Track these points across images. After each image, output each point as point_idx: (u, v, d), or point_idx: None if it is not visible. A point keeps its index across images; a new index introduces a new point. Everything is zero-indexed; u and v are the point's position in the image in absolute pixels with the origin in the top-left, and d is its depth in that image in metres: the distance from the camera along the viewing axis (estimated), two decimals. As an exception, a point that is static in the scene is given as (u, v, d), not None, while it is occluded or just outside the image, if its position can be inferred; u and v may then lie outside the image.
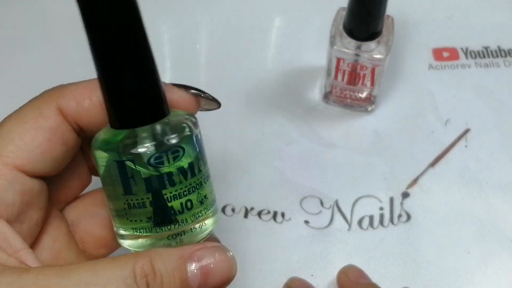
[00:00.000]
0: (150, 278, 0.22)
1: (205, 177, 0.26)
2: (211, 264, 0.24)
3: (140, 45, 0.24)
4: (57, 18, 0.53)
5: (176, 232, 0.25)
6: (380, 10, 0.39)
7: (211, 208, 0.27)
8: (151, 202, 0.24)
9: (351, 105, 0.47)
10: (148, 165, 0.24)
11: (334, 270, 0.40)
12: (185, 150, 0.25)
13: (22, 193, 0.25)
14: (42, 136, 0.25)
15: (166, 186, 0.24)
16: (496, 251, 0.41)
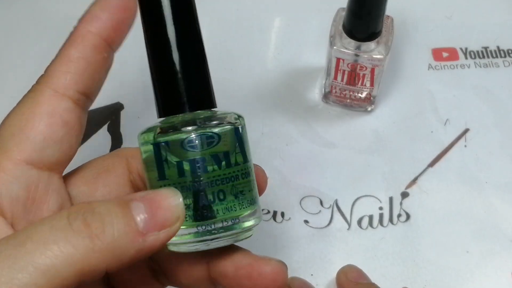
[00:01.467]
0: (87, 215, 0.21)
1: (244, 173, 0.25)
2: (155, 195, 0.23)
3: (191, 34, 0.25)
4: (57, 18, 0.53)
5: (207, 223, 0.24)
6: (379, 10, 0.39)
7: (248, 206, 0.26)
8: (183, 188, 0.24)
9: (350, 105, 0.47)
10: (181, 148, 0.24)
11: (333, 270, 0.40)
12: (220, 137, 0.24)
13: (27, 188, 0.25)
14: (41, 123, 0.25)
15: (197, 171, 0.24)
16: (496, 251, 0.41)
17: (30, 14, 0.53)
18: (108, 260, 0.21)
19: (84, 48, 0.26)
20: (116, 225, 0.21)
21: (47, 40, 0.52)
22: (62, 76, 0.25)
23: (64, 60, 0.26)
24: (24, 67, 0.50)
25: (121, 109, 0.48)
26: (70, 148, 0.26)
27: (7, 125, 0.25)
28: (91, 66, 0.26)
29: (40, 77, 0.26)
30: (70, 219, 0.21)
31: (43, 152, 0.25)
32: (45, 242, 0.20)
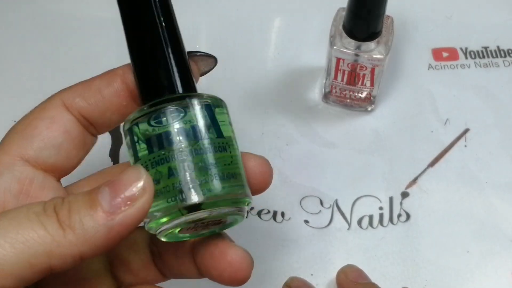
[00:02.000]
0: (57, 204, 0.22)
1: (218, 147, 0.25)
2: (121, 177, 0.23)
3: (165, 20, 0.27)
4: (57, 18, 0.53)
5: (176, 196, 0.24)
6: (380, 10, 0.39)
7: (225, 180, 0.25)
8: (152, 164, 0.24)
9: (351, 105, 0.47)
10: (149, 126, 0.24)
11: (333, 270, 0.40)
12: (186, 112, 0.24)
13: (20, 181, 0.25)
14: (42, 125, 0.26)
15: (165, 145, 0.24)
16: (496, 251, 0.41)
17: (30, 14, 0.53)
18: (78, 244, 0.22)
19: (108, 86, 0.27)
20: (82, 210, 0.22)
21: (47, 40, 0.52)
22: (75, 95, 0.27)
23: (86, 85, 0.27)
24: (24, 67, 0.50)
25: (121, 109, 0.48)
26: (68, 157, 0.27)
27: (16, 124, 0.27)
28: (104, 104, 0.27)
29: (61, 90, 0.28)
30: (45, 206, 0.22)
31: (40, 153, 0.26)
32: (19, 221, 0.21)
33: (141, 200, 0.22)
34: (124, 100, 0.27)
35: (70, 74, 0.50)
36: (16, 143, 0.26)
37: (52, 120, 0.26)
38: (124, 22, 0.27)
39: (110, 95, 0.27)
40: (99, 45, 0.51)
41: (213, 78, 0.52)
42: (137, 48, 0.26)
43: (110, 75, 0.27)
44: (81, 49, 0.51)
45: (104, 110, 0.27)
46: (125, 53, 0.27)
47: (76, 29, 0.52)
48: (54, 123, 0.26)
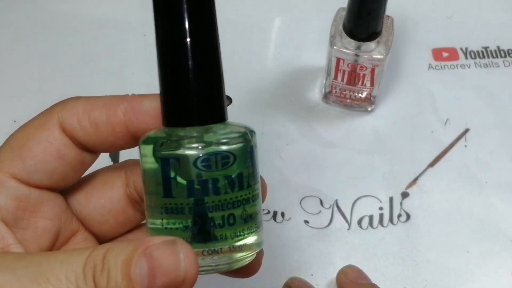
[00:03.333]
0: (97, 269, 0.21)
1: (254, 195, 0.24)
2: (160, 259, 0.21)
3: (208, 40, 0.23)
4: (57, 18, 0.53)
5: (213, 248, 0.23)
6: (380, 10, 0.39)
7: (255, 230, 0.24)
8: (190, 209, 0.22)
9: (351, 105, 0.47)
10: (194, 167, 0.22)
11: (334, 270, 0.40)
12: (236, 158, 0.23)
13: (16, 199, 0.25)
14: (38, 147, 0.25)
15: (210, 193, 0.22)
16: (496, 251, 0.41)
17: (30, 14, 0.53)
18: None
19: (105, 122, 0.25)
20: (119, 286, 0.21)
21: (47, 40, 0.52)
22: (73, 121, 0.25)
23: (86, 111, 0.26)
24: (24, 67, 0.50)
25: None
26: (63, 180, 0.26)
27: (13, 136, 0.26)
28: (100, 139, 0.26)
29: (60, 101, 0.26)
30: (85, 270, 0.21)
31: (32, 176, 0.25)
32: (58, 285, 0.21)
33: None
34: (121, 140, 0.26)
35: (70, 74, 0.50)
36: (9, 161, 0.25)
37: (46, 144, 0.25)
38: (159, 31, 0.23)
39: (105, 132, 0.26)
40: (99, 45, 0.51)
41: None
42: (173, 62, 0.23)
43: (111, 109, 0.25)
44: (81, 49, 0.51)
45: (98, 144, 0.26)
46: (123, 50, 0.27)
47: (76, 29, 0.52)
48: (48, 148, 0.25)
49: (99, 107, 0.25)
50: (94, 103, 0.26)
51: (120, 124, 0.25)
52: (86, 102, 0.26)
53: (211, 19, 0.23)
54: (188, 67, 0.23)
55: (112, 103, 0.26)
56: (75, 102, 0.26)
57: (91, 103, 0.26)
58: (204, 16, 0.23)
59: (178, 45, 0.23)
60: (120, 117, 0.25)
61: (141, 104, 0.25)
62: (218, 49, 0.24)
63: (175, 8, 0.22)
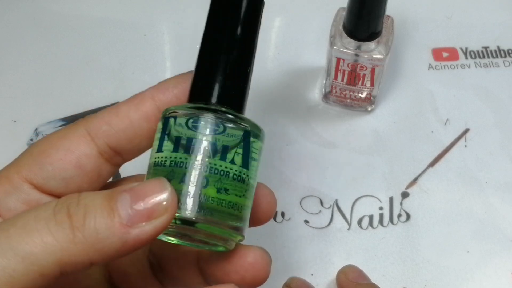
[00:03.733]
0: (72, 206, 0.21)
1: (237, 176, 0.24)
2: (143, 188, 0.22)
3: (249, 43, 0.27)
4: (57, 18, 0.53)
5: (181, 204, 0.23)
6: (380, 10, 0.39)
7: (230, 210, 0.24)
8: (171, 163, 0.24)
9: (351, 105, 0.47)
10: (186, 126, 0.24)
11: (334, 270, 0.40)
12: (226, 129, 0.24)
13: (27, 203, 0.25)
14: (58, 154, 0.25)
15: (190, 151, 0.23)
16: (496, 251, 0.41)
17: (30, 14, 0.53)
18: (90, 252, 0.21)
19: (136, 111, 0.26)
20: (98, 217, 0.21)
21: (47, 40, 0.52)
22: (101, 123, 0.26)
23: (113, 112, 0.26)
24: (24, 67, 0.50)
25: (121, 109, 0.48)
26: (77, 189, 0.26)
27: (36, 144, 0.26)
28: (133, 130, 0.26)
29: (90, 115, 0.27)
30: (55, 209, 0.21)
31: (48, 182, 0.25)
32: (27, 229, 0.21)
33: (161, 218, 0.22)
34: (155, 124, 0.26)
35: (70, 74, 0.50)
36: (28, 166, 0.25)
37: (66, 152, 0.25)
38: (210, 19, 0.27)
39: (139, 119, 0.26)
40: (99, 45, 0.51)
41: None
42: (211, 47, 0.26)
43: (138, 99, 0.26)
44: (81, 49, 0.51)
45: (132, 136, 0.26)
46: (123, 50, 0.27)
47: (76, 29, 0.52)
48: (68, 155, 0.25)
49: (125, 105, 0.26)
50: (117, 106, 0.26)
51: (152, 108, 0.26)
52: (108, 109, 0.26)
53: (255, 28, 0.27)
54: (223, 56, 0.26)
55: (137, 96, 0.26)
56: (98, 113, 0.26)
57: (114, 107, 0.26)
58: (250, 25, 0.27)
59: (221, 38, 0.26)
60: (149, 102, 0.26)
61: (168, 82, 0.26)
62: (253, 52, 0.28)
63: (230, 13, 0.26)
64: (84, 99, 0.48)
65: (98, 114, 0.26)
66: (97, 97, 0.48)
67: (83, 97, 0.48)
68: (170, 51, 0.52)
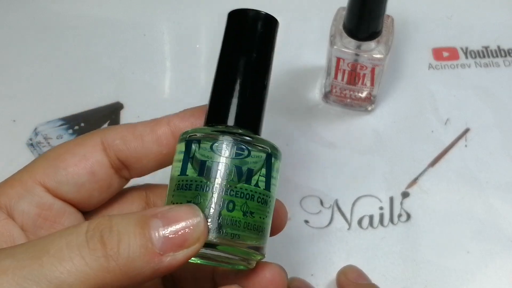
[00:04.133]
0: (105, 232, 0.21)
1: (261, 198, 0.25)
2: (176, 214, 0.22)
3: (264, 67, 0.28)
4: (57, 18, 0.53)
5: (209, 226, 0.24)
6: (380, 9, 0.39)
7: (254, 231, 0.25)
8: (196, 186, 0.24)
9: (351, 104, 0.47)
10: (210, 150, 0.24)
11: (334, 270, 0.40)
12: (250, 153, 0.24)
13: (39, 206, 0.25)
14: (73, 159, 0.26)
15: (217, 175, 0.24)
16: (496, 251, 0.41)
17: (30, 14, 0.53)
18: (122, 279, 0.21)
19: (151, 132, 0.27)
20: (132, 245, 0.21)
21: (47, 40, 0.52)
22: (116, 137, 0.26)
23: (130, 129, 0.27)
24: (24, 67, 0.50)
25: (121, 109, 0.48)
26: (88, 197, 0.27)
27: (52, 149, 0.27)
28: (143, 150, 0.27)
29: (109, 126, 0.28)
30: (87, 235, 0.21)
31: (60, 186, 0.26)
32: (60, 257, 0.20)
33: (193, 247, 0.22)
34: (165, 149, 0.27)
35: (70, 74, 0.50)
36: (42, 170, 0.26)
37: (82, 158, 0.26)
38: (226, 40, 0.27)
39: (151, 141, 0.27)
40: (99, 45, 0.51)
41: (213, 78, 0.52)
42: (228, 69, 0.26)
43: (154, 122, 0.27)
44: (81, 49, 0.51)
45: (141, 156, 0.27)
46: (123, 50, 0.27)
47: (76, 29, 0.52)
48: (82, 162, 0.26)
49: (142, 124, 0.27)
50: (135, 124, 0.27)
51: (165, 132, 0.27)
52: (127, 124, 0.27)
53: (270, 48, 0.29)
54: (239, 80, 0.26)
55: (154, 119, 0.27)
56: (117, 126, 0.27)
57: (133, 124, 0.27)
58: (266, 45, 0.28)
59: (238, 59, 0.27)
60: (164, 126, 0.27)
61: (186, 111, 0.27)
62: (268, 72, 0.28)
63: (246, 34, 0.27)
64: (84, 99, 0.48)
65: (117, 127, 0.27)
66: (97, 97, 0.48)
67: (83, 97, 0.48)
68: (170, 51, 0.52)
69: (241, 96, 0.26)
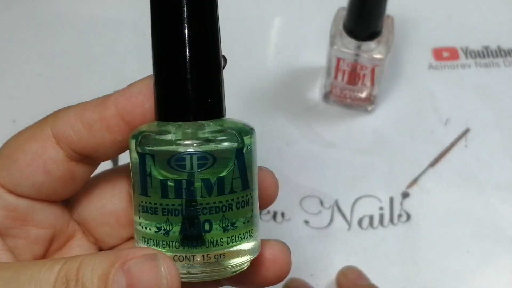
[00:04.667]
0: (70, 285, 0.20)
1: (239, 202, 0.22)
2: (140, 276, 0.20)
3: (205, 31, 0.22)
4: (57, 18, 0.53)
5: (186, 254, 0.21)
6: (380, 10, 0.39)
7: (240, 241, 0.22)
8: (163, 211, 0.21)
9: (351, 105, 0.47)
10: (168, 165, 0.21)
11: (333, 270, 0.40)
12: (216, 160, 0.21)
13: (4, 208, 0.24)
14: (25, 159, 0.24)
15: (182, 195, 0.21)
16: (496, 251, 0.41)
17: (30, 14, 0.53)
18: None
19: (99, 120, 0.24)
20: None
21: (47, 40, 0.52)
22: (66, 127, 0.24)
23: (78, 115, 0.24)
24: (24, 67, 0.50)
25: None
26: (53, 194, 0.25)
27: (6, 145, 0.25)
28: (95, 140, 0.24)
29: (57, 111, 0.25)
30: (55, 285, 0.20)
31: (18, 188, 0.24)
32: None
33: None
34: (119, 136, 0.24)
35: (70, 74, 0.50)
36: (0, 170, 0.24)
37: (34, 156, 0.24)
38: (156, 21, 0.22)
39: (101, 130, 0.24)
40: (99, 45, 0.51)
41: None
42: (167, 53, 0.22)
43: (102, 105, 0.24)
44: (81, 49, 0.51)
45: (96, 147, 0.24)
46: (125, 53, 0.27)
47: (76, 29, 0.52)
48: (35, 160, 0.24)
49: (90, 108, 0.24)
50: (85, 106, 0.24)
51: (114, 117, 0.24)
52: (77, 108, 0.25)
53: (211, 11, 0.22)
54: (180, 58, 0.21)
55: (102, 100, 0.24)
56: (67, 111, 0.25)
57: (82, 107, 0.24)
58: (203, 8, 0.22)
59: (172, 35, 0.21)
60: (112, 110, 0.24)
61: (132, 88, 0.24)
62: (216, 40, 0.22)
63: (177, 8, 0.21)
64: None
65: (67, 112, 0.24)
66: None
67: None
68: (170, 51, 0.52)
69: (193, 82, 0.21)
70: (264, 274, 0.25)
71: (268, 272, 0.24)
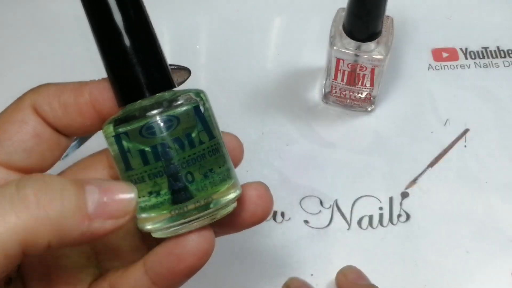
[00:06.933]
0: (39, 184, 0.21)
1: (211, 150, 0.25)
2: (112, 185, 0.23)
3: (137, 17, 0.26)
4: (57, 18, 0.53)
5: (179, 206, 0.24)
6: (379, 10, 0.39)
7: (221, 182, 0.25)
8: (149, 176, 0.24)
9: (350, 105, 0.47)
10: (141, 136, 0.24)
11: (333, 270, 0.40)
12: (179, 120, 0.24)
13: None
14: (13, 127, 0.26)
15: (161, 157, 0.24)
16: (496, 251, 0.41)
17: (30, 14, 0.53)
18: (51, 234, 0.21)
19: (74, 104, 0.26)
20: (66, 201, 0.21)
21: (47, 40, 0.52)
22: (43, 103, 0.26)
23: (57, 93, 0.26)
24: (24, 67, 0.50)
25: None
26: (41, 159, 0.26)
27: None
28: (68, 120, 0.26)
29: (39, 86, 0.27)
30: (18, 187, 0.21)
31: (11, 157, 0.25)
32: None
33: (121, 219, 0.23)
34: (88, 121, 0.26)
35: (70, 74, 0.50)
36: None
37: (21, 124, 0.26)
38: (90, 13, 0.27)
39: (73, 112, 0.26)
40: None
41: (213, 78, 0.52)
42: (109, 41, 0.26)
43: (79, 90, 0.26)
44: (81, 49, 0.51)
45: (67, 126, 0.26)
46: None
47: (76, 29, 0.52)
48: (23, 127, 0.26)
49: (68, 90, 0.26)
50: (64, 87, 0.27)
51: (87, 104, 0.26)
52: (56, 86, 0.27)
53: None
54: (125, 47, 0.25)
55: (80, 85, 0.27)
56: (47, 87, 0.27)
57: (61, 87, 0.27)
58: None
59: (112, 30, 0.26)
60: (86, 98, 0.26)
61: (106, 82, 0.26)
62: (149, 25, 0.27)
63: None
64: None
65: (48, 88, 0.27)
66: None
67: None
68: (170, 51, 0.52)
69: (138, 59, 0.25)
70: (253, 210, 0.27)
71: (257, 207, 0.27)
